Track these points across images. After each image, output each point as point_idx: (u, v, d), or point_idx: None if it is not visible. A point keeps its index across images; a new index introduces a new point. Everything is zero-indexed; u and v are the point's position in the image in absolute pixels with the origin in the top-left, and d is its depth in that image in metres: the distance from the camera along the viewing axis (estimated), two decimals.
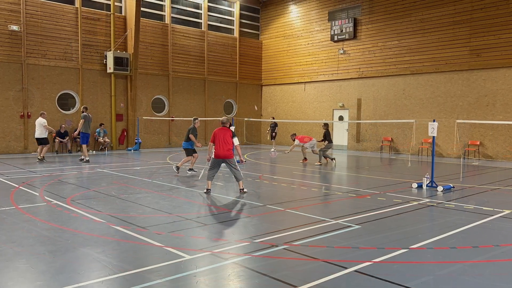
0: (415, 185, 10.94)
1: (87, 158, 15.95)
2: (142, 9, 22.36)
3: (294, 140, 16.94)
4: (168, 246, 5.69)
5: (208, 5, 25.60)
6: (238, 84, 27.30)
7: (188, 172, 13.12)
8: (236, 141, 9.80)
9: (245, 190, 9.87)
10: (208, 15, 25.67)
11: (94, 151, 20.54)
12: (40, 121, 15.98)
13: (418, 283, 4.56)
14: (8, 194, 9.39)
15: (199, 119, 13.52)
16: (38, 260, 5.15)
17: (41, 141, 16.03)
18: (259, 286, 4.51)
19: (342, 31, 23.79)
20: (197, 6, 25.34)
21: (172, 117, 23.95)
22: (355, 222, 7.15)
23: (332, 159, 16.45)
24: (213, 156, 9.79)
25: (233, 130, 10.73)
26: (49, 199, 8.89)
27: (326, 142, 16.59)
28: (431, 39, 20.50)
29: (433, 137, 11.15)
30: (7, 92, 18.77)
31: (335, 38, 24.11)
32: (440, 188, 10.41)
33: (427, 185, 10.79)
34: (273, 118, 24.24)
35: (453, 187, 10.80)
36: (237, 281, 4.65)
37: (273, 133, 23.33)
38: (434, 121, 11.00)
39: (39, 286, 4.43)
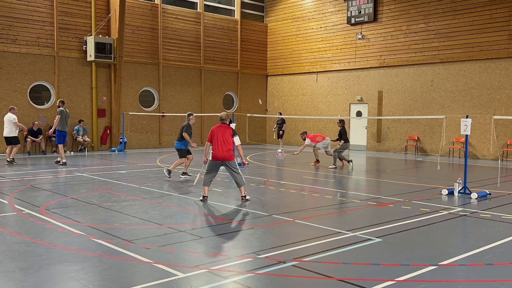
0: (445, 191, 10.91)
1: (64, 160, 15.99)
2: None
3: (304, 140, 16.95)
4: (158, 263, 5.71)
5: None
6: (240, 74, 27.33)
7: (181, 176, 13.14)
8: (237, 140, 9.81)
9: (247, 197, 9.88)
10: None
11: (72, 152, 20.61)
12: (9, 117, 16.02)
13: None
14: None
15: (194, 115, 13.54)
16: (8, 279, 5.16)
17: (11, 141, 16.08)
18: None
19: (360, 12, 23.76)
20: None
21: (163, 113, 23.99)
22: (375, 234, 7.14)
23: (348, 162, 16.44)
24: (210, 158, 9.80)
25: (234, 128, 10.75)
26: (20, 208, 8.91)
27: (342, 141, 16.58)
28: (464, 22, 20.44)
29: (466, 135, 11.12)
30: None
31: (352, 21, 24.08)
32: (474, 195, 10.39)
33: (459, 192, 10.77)
34: (280, 114, 24.25)
35: (490, 194, 10.77)
36: None
37: (280, 131, 23.34)
38: (467, 117, 10.96)
39: None
